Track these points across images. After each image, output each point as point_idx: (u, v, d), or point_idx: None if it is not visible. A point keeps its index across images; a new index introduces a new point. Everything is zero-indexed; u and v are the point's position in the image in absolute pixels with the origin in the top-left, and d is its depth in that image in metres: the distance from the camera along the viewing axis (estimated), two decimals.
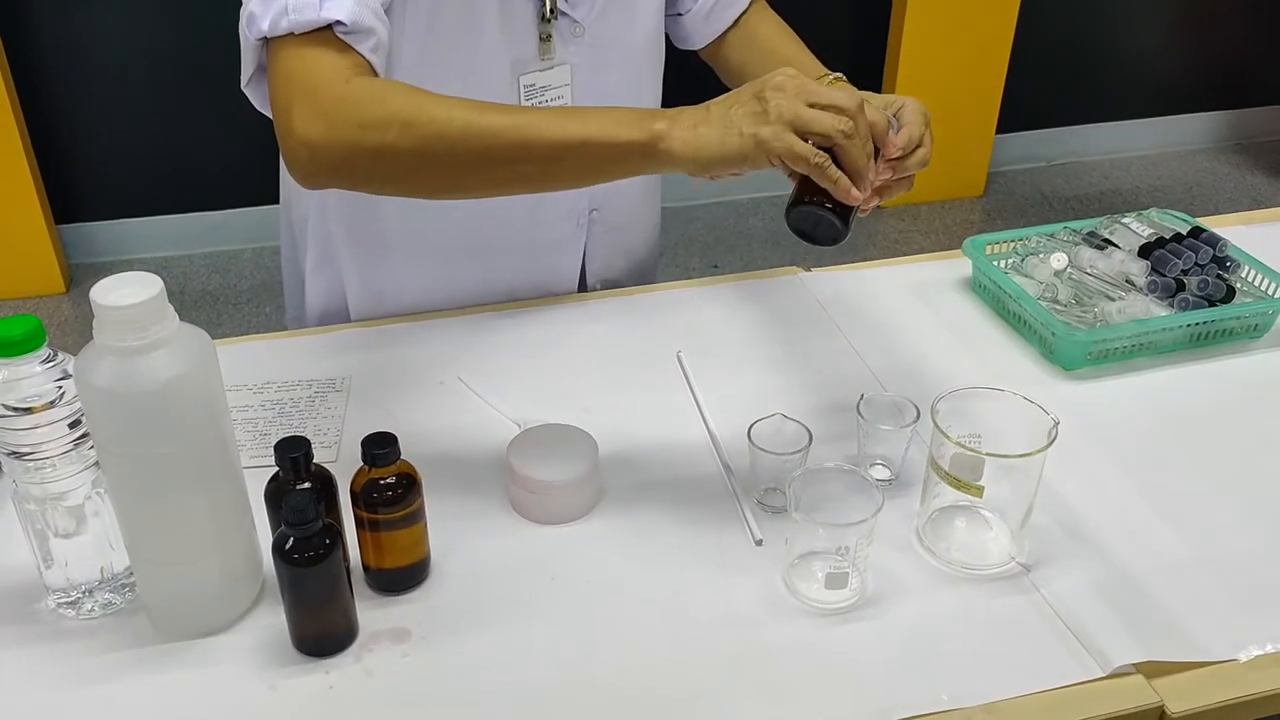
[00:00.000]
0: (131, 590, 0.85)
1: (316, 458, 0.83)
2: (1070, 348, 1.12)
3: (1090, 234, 1.26)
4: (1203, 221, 1.29)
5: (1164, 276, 1.17)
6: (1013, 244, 1.28)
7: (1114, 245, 1.24)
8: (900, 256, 1.37)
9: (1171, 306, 1.15)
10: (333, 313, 1.27)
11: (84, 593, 0.84)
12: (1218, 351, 1.16)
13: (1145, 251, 1.21)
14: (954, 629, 0.83)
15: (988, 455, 0.85)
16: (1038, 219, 3.37)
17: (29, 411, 0.75)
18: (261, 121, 0.97)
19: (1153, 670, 0.79)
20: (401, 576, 0.86)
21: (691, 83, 1.26)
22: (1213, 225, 1.28)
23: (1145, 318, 1.14)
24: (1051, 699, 0.78)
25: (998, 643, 0.82)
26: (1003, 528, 0.91)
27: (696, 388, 1.10)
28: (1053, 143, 3.69)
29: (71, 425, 0.77)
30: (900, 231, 3.34)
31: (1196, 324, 1.14)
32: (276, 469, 0.82)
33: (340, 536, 0.78)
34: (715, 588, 0.87)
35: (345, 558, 0.79)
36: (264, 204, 3.16)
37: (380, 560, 0.85)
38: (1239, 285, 1.20)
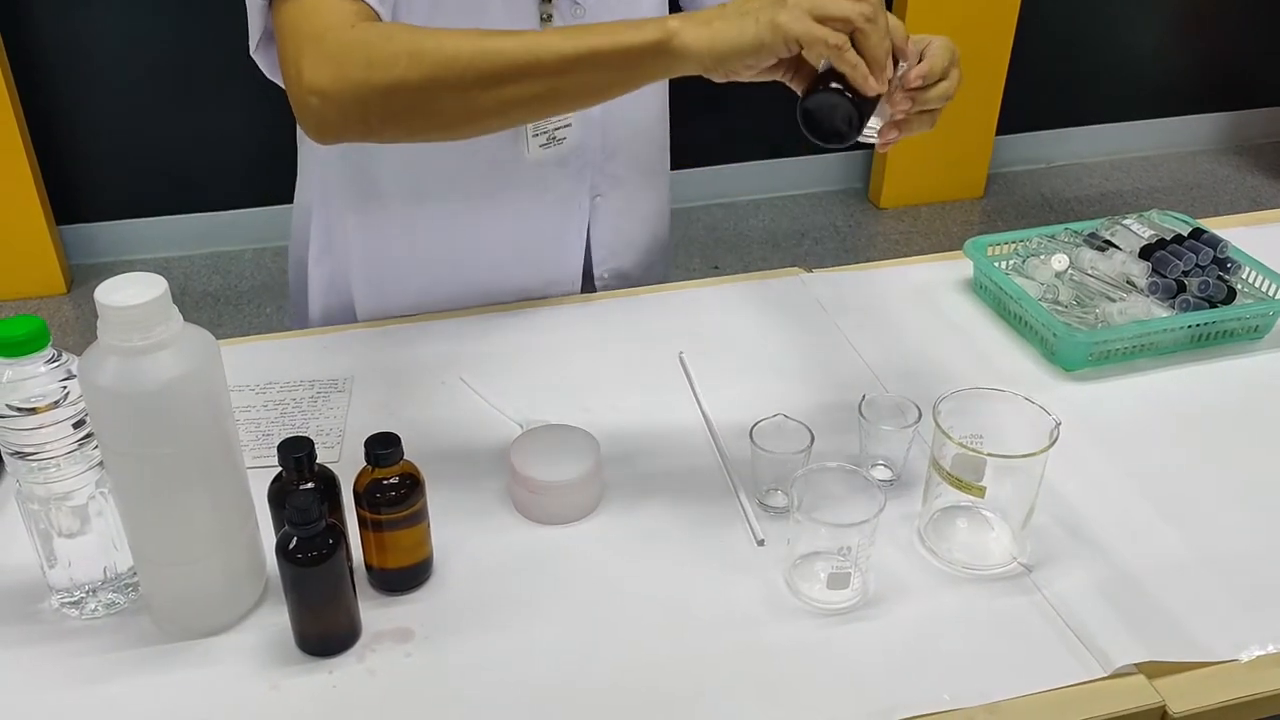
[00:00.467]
0: (135, 590, 0.85)
1: (319, 458, 0.84)
2: (1071, 349, 1.12)
3: (1091, 235, 1.26)
4: (1203, 223, 1.29)
5: (1165, 278, 1.17)
6: (1014, 245, 1.28)
7: (1115, 246, 1.24)
8: (901, 257, 1.38)
9: (1172, 308, 1.16)
10: (334, 305, 1.27)
11: (87, 592, 0.84)
12: (1219, 352, 1.16)
13: (1146, 253, 1.21)
14: (956, 629, 0.84)
15: (989, 456, 0.85)
16: (1038, 220, 3.37)
17: (33, 411, 0.76)
18: (261, 122, 0.97)
19: (1154, 670, 0.80)
20: (404, 576, 0.86)
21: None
22: (1213, 226, 1.29)
23: (1146, 319, 1.14)
24: (1053, 699, 0.78)
25: (999, 643, 0.82)
26: (1004, 528, 0.91)
27: (698, 388, 1.10)
28: (1053, 144, 3.70)
29: (75, 425, 0.78)
30: (900, 232, 3.34)
31: (1197, 325, 1.14)
32: (279, 469, 0.83)
33: (343, 536, 0.79)
34: (717, 588, 0.87)
35: (348, 558, 0.79)
36: (265, 205, 3.16)
37: (383, 560, 0.85)
38: (1240, 286, 1.20)
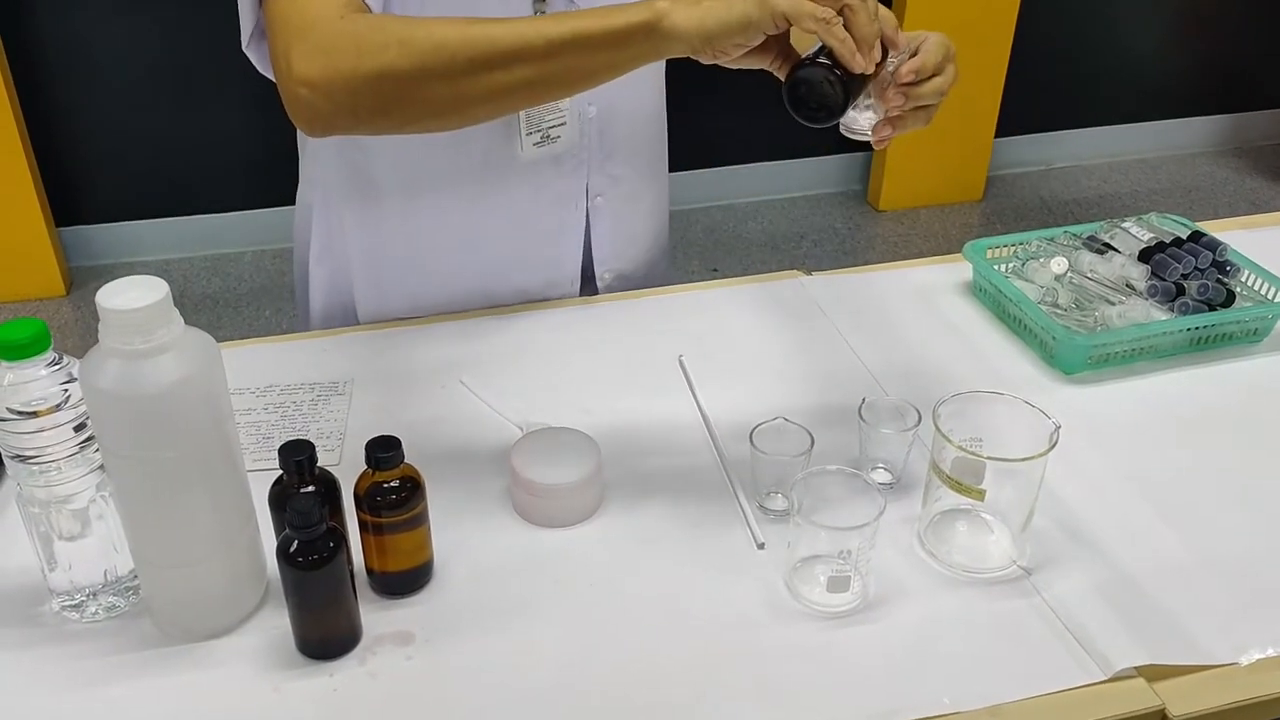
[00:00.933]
0: (135, 593, 0.85)
1: (319, 461, 0.84)
2: (1071, 352, 1.12)
3: (1090, 238, 1.26)
4: (1202, 225, 1.29)
5: (1164, 281, 1.17)
6: (1013, 248, 1.28)
7: (1114, 249, 1.24)
8: (899, 260, 1.38)
9: (1171, 311, 1.16)
10: (335, 305, 1.27)
11: (88, 595, 0.84)
12: (1218, 355, 1.16)
13: (1145, 256, 1.21)
14: (955, 632, 0.84)
15: (989, 459, 0.85)
16: (1037, 223, 3.38)
17: (34, 415, 0.76)
18: (261, 124, 0.97)
19: (1154, 673, 0.80)
20: (405, 579, 0.86)
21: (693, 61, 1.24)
22: (1212, 229, 1.29)
23: (1145, 322, 1.14)
24: (1053, 702, 0.78)
25: (999, 646, 0.82)
26: (1004, 531, 0.91)
27: (698, 391, 1.10)
28: (1051, 146, 3.70)
29: (77, 428, 0.78)
30: (899, 235, 3.34)
31: (1196, 328, 1.15)
32: (280, 472, 0.83)
33: (344, 540, 0.79)
34: (717, 590, 0.87)
35: (349, 561, 0.79)
36: (264, 207, 3.16)
37: (384, 563, 0.85)
38: (1239, 289, 1.20)
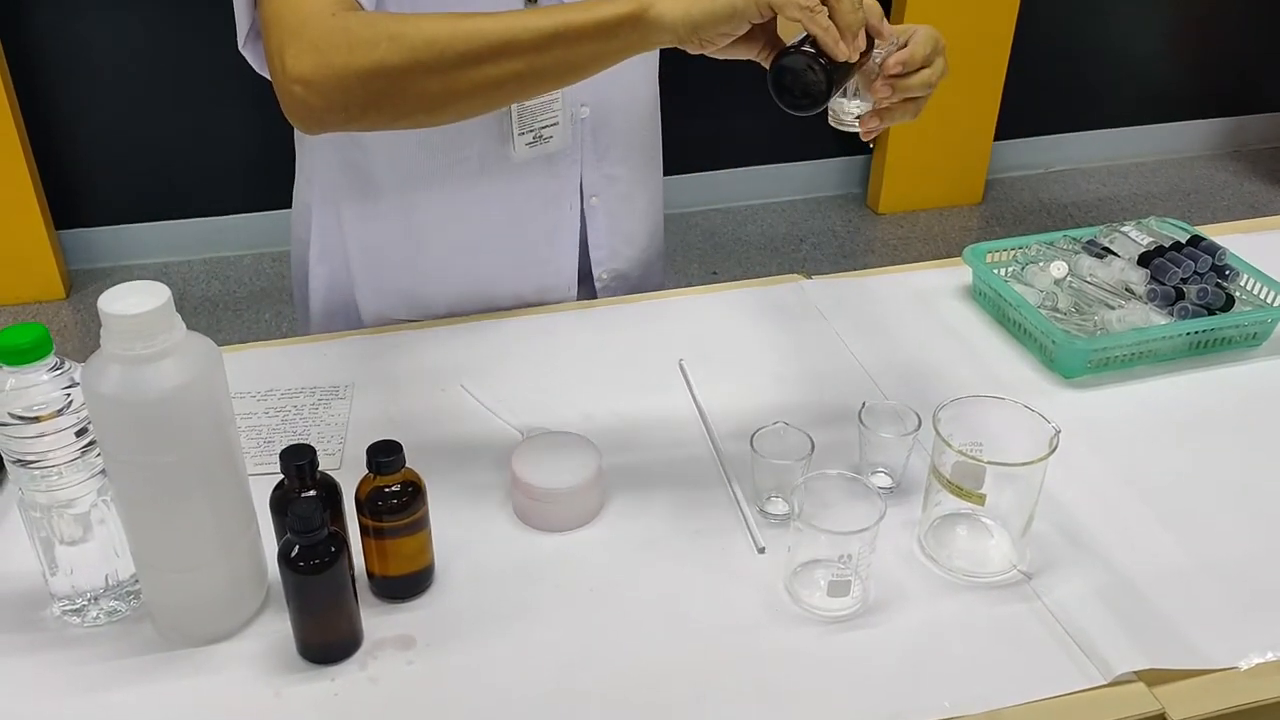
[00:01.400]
0: (137, 598, 0.85)
1: (320, 465, 0.84)
2: (1070, 356, 1.12)
3: (1090, 242, 1.27)
4: (1201, 229, 1.29)
5: (1163, 285, 1.17)
6: (1013, 252, 1.28)
7: (1113, 253, 1.24)
8: (898, 263, 1.38)
9: (1171, 315, 1.16)
10: (336, 304, 1.27)
11: (89, 600, 0.84)
12: (1217, 359, 1.17)
13: (1145, 260, 1.21)
14: (956, 636, 0.84)
15: (989, 463, 0.85)
16: (1036, 226, 3.38)
17: (36, 420, 0.76)
18: (260, 128, 0.98)
19: (1154, 678, 0.80)
20: (406, 584, 0.86)
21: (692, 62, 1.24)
22: (1211, 233, 1.29)
23: (1145, 326, 1.14)
24: (1053, 706, 0.78)
25: (999, 650, 0.83)
26: (1004, 535, 0.91)
27: (698, 395, 1.10)
28: (1051, 150, 3.70)
29: (78, 433, 0.78)
30: (899, 238, 3.35)
31: (1196, 332, 1.15)
32: (281, 476, 0.83)
33: (345, 544, 0.79)
34: (718, 595, 0.87)
35: (350, 565, 0.79)
36: (263, 210, 3.16)
37: (385, 568, 0.85)
38: (1238, 294, 1.20)
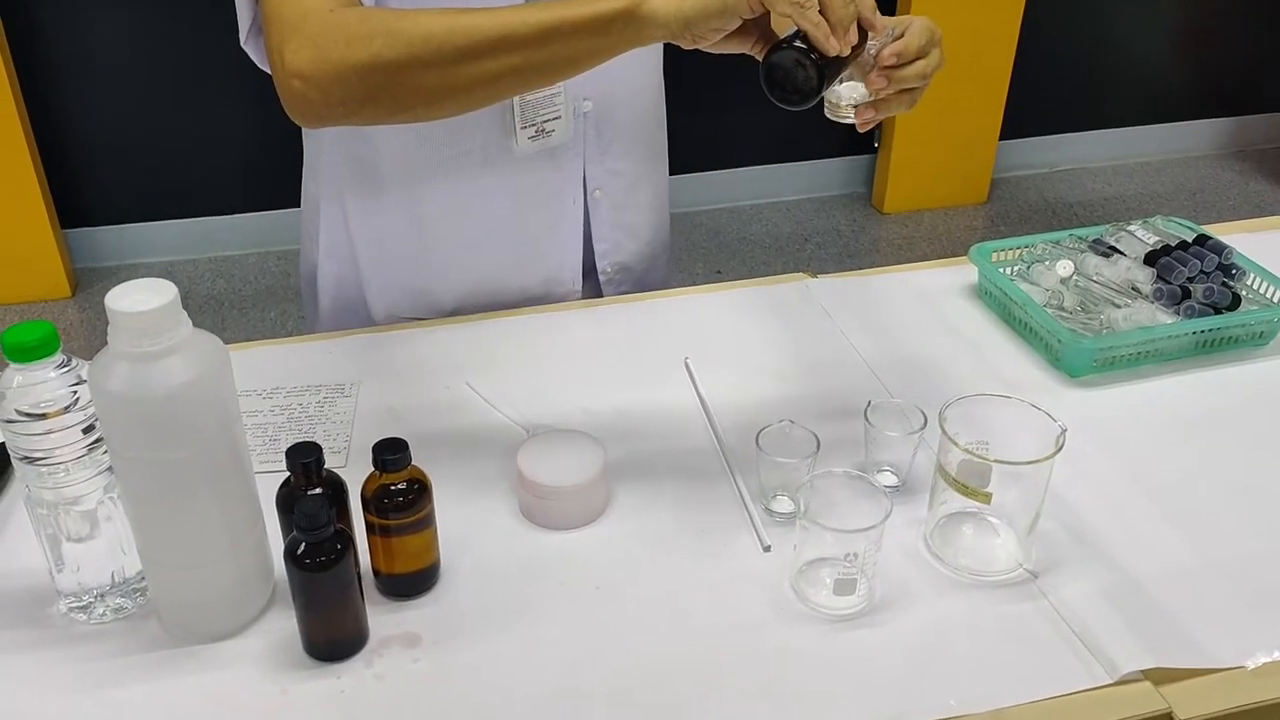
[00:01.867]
0: (143, 595, 0.85)
1: (326, 463, 0.84)
2: (1076, 355, 1.12)
3: (1096, 241, 1.26)
4: (1207, 229, 1.29)
5: (1170, 284, 1.17)
6: (1019, 251, 1.28)
7: (1120, 252, 1.24)
8: (904, 263, 1.38)
9: (1177, 314, 1.16)
10: (344, 300, 1.28)
11: (95, 597, 0.84)
12: (1223, 359, 1.16)
13: (1151, 259, 1.21)
14: (961, 635, 0.84)
15: (995, 462, 0.85)
16: (1041, 225, 3.38)
17: (43, 417, 0.76)
18: (265, 127, 0.98)
19: (1160, 677, 0.80)
20: (412, 581, 0.86)
21: (697, 62, 1.25)
22: (1218, 232, 1.29)
23: (1151, 325, 1.14)
24: (1059, 705, 0.78)
25: (1005, 649, 0.82)
26: (1010, 534, 0.91)
27: (704, 393, 1.10)
28: (1056, 149, 3.70)
29: (85, 430, 0.78)
30: (904, 237, 3.34)
31: (1202, 331, 1.15)
32: (287, 474, 0.83)
33: (351, 542, 0.79)
34: (723, 593, 0.87)
35: (356, 563, 0.79)
36: (268, 209, 3.17)
37: (391, 565, 0.85)
38: (1244, 293, 1.20)
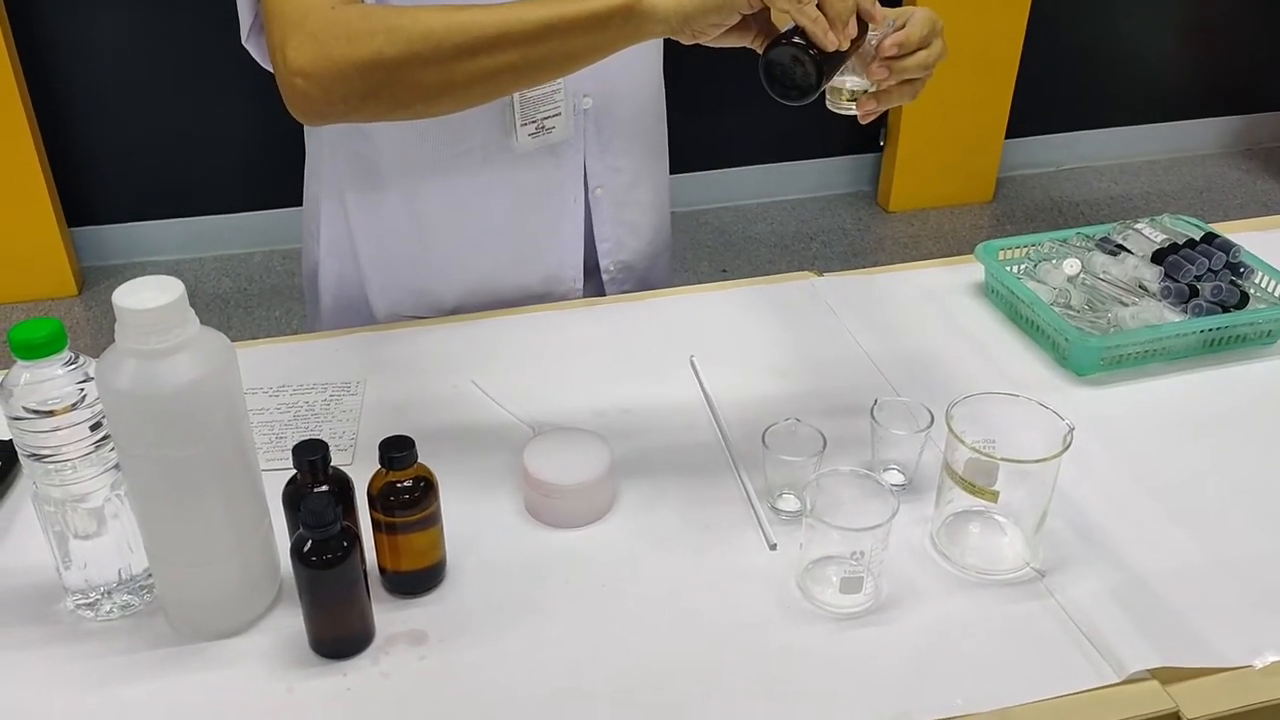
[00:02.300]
0: (150, 592, 0.86)
1: (332, 460, 0.84)
2: (1083, 353, 1.12)
3: (1103, 239, 1.26)
4: (1215, 227, 1.29)
5: (1177, 282, 1.17)
6: (1025, 249, 1.28)
7: (1127, 251, 1.24)
8: (909, 261, 1.38)
9: (1185, 312, 1.15)
10: (345, 298, 1.28)
11: (102, 594, 0.84)
12: (1231, 357, 1.16)
13: (1158, 257, 1.21)
14: (968, 634, 0.84)
15: (1002, 460, 0.85)
16: (1047, 224, 3.37)
17: (50, 414, 0.76)
18: (271, 126, 0.98)
19: (1168, 676, 0.79)
20: (418, 579, 0.86)
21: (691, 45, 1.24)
22: (1225, 231, 1.28)
23: (1158, 323, 1.14)
24: (1066, 704, 0.78)
25: (1012, 648, 0.82)
26: (1017, 533, 0.91)
27: (709, 391, 1.10)
28: (1062, 148, 3.69)
29: (92, 428, 0.78)
30: (909, 236, 3.34)
31: (1210, 330, 1.14)
32: (294, 471, 0.83)
33: (357, 539, 0.79)
34: (729, 592, 0.87)
35: (362, 560, 0.79)
36: (274, 207, 3.17)
37: (397, 563, 0.85)
38: (1252, 291, 1.20)
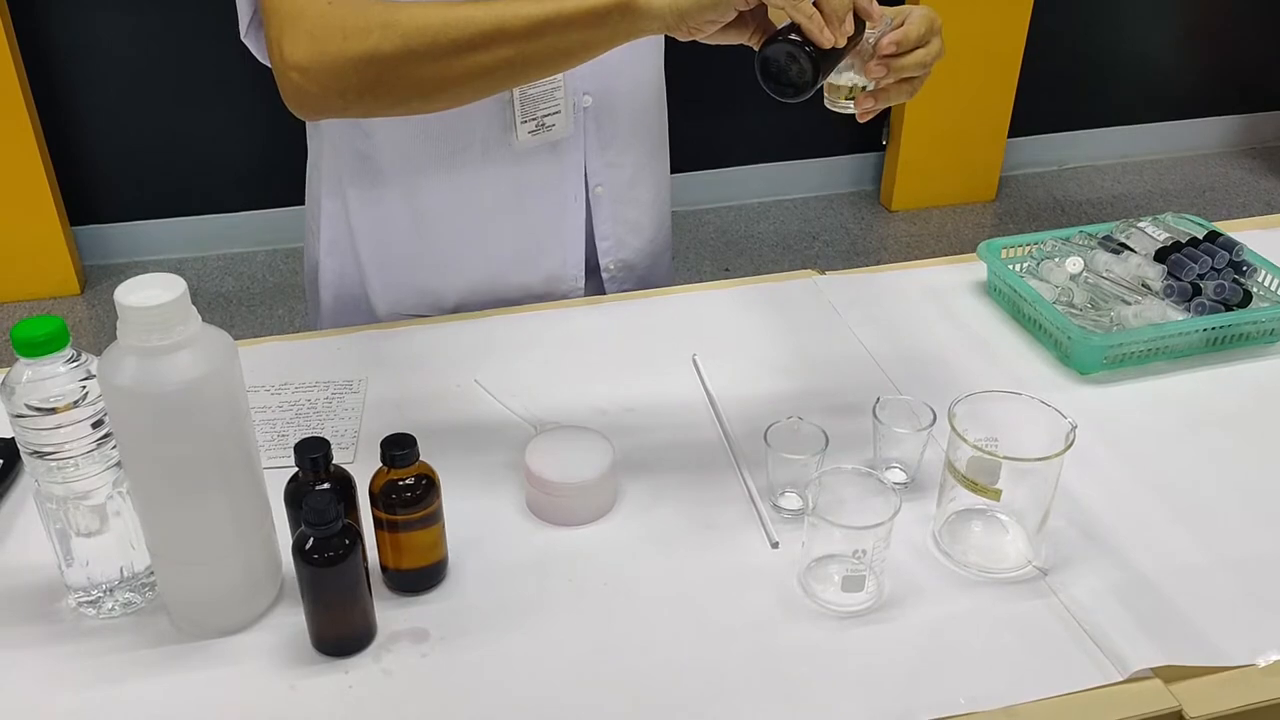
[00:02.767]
0: (152, 589, 0.86)
1: (334, 458, 0.84)
2: (1086, 352, 1.12)
3: (1106, 238, 1.26)
4: (1218, 226, 1.29)
5: (1180, 281, 1.17)
6: (1028, 248, 1.28)
7: (1130, 249, 1.23)
8: (913, 260, 1.37)
9: (1188, 311, 1.15)
10: (345, 296, 1.28)
11: (104, 592, 0.84)
12: (1234, 356, 1.16)
13: (1161, 255, 1.21)
14: (971, 632, 0.83)
15: (1005, 459, 0.85)
16: (1050, 223, 3.37)
17: (53, 411, 0.76)
18: (274, 125, 0.98)
19: (1170, 674, 0.79)
20: (420, 577, 0.86)
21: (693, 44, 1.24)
22: (1228, 229, 1.28)
23: (1161, 322, 1.14)
24: (1068, 703, 0.78)
25: (1015, 646, 0.82)
26: (1019, 531, 0.91)
27: (712, 390, 1.10)
28: (1065, 147, 3.69)
29: (94, 425, 0.78)
30: (912, 235, 3.34)
31: (1213, 328, 1.14)
32: (296, 469, 0.83)
33: (359, 537, 0.79)
34: (731, 590, 0.87)
35: (364, 558, 0.79)
36: (277, 206, 3.17)
37: (399, 561, 0.85)
38: (1255, 290, 1.19)
